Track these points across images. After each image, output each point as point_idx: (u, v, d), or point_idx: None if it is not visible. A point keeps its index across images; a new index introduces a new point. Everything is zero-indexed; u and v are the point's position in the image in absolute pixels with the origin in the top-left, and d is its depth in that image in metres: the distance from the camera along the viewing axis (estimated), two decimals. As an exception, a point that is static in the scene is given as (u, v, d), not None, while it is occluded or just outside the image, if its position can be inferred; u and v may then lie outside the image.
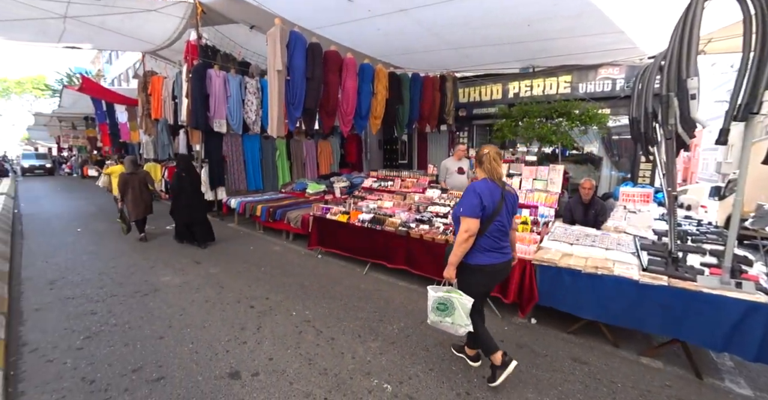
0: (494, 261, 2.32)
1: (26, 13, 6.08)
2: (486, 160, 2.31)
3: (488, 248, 2.30)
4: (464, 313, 2.27)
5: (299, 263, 4.86)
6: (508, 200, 2.33)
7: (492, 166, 2.30)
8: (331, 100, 5.73)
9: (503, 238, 2.35)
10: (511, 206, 2.37)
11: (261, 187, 8.26)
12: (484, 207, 2.22)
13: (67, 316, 3.34)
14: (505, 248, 2.38)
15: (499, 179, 2.31)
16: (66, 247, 5.70)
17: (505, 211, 2.30)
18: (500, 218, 2.28)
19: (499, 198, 2.27)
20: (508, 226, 2.36)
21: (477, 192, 2.24)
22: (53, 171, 21.47)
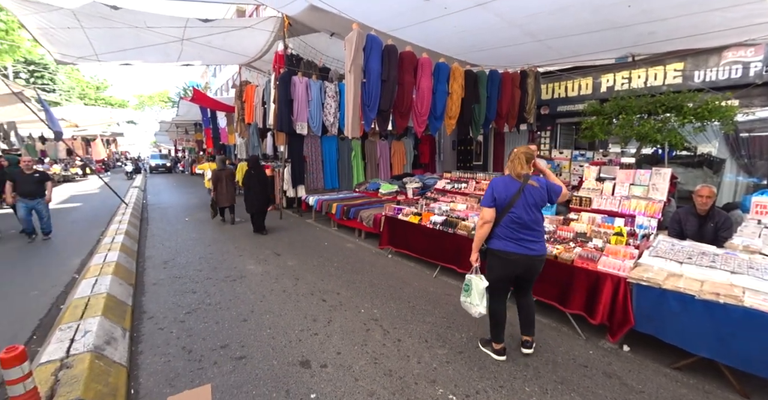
0: (508, 249, 2.51)
1: (157, 39, 7.33)
2: (510, 159, 2.62)
3: (503, 236, 2.54)
4: (477, 294, 2.60)
5: (370, 261, 4.97)
6: (529, 195, 2.49)
7: (513, 164, 2.57)
8: (406, 101, 5.76)
9: (521, 230, 2.50)
10: (534, 201, 2.50)
11: (337, 186, 8.70)
12: (495, 198, 2.53)
13: (174, 292, 3.91)
14: (524, 241, 2.50)
15: (518, 175, 2.53)
16: (177, 233, 6.73)
17: (522, 204, 2.49)
18: (515, 211, 2.49)
19: (514, 192, 2.50)
20: (528, 218, 2.49)
21: (491, 186, 2.59)
22: (172, 169, 25.51)
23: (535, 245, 2.54)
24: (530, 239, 2.52)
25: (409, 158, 11.06)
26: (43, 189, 6.21)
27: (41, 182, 6.22)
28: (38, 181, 6.18)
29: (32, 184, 6.09)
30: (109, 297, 3.23)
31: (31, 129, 15.22)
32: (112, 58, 7.99)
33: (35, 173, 6.22)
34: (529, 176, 2.54)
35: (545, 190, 2.55)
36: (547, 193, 2.57)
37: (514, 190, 2.49)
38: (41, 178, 6.27)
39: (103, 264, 4.06)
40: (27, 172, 6.12)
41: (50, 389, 2.07)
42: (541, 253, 2.55)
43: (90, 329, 2.60)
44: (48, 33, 6.50)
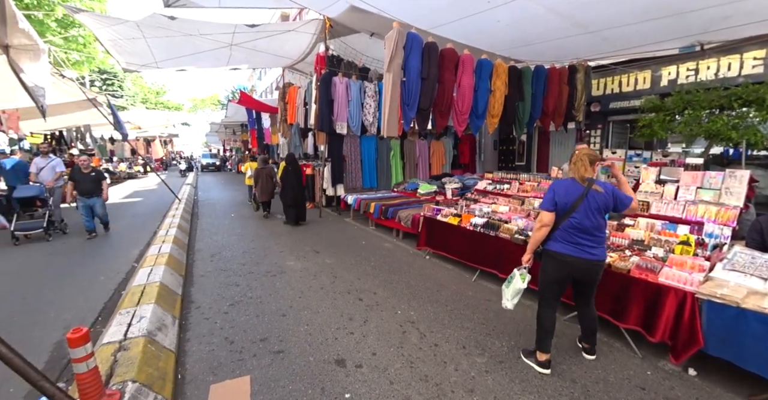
0: (566, 251, 2.42)
1: (209, 45, 7.80)
2: (572, 160, 2.50)
3: (561, 239, 2.46)
4: (513, 289, 2.63)
5: (407, 262, 4.91)
6: (592, 200, 2.38)
7: (576, 166, 2.46)
8: (446, 100, 5.63)
9: (581, 235, 2.40)
10: (597, 206, 2.38)
11: (375, 185, 8.74)
12: (556, 202, 2.43)
13: (219, 284, 4.10)
14: (584, 245, 2.40)
15: (582, 179, 2.42)
16: (223, 227, 7.11)
17: (584, 210, 2.38)
18: (576, 216, 2.39)
19: (576, 197, 2.39)
20: (589, 224, 2.38)
21: (553, 188, 2.49)
22: (221, 168, 27.12)
23: (595, 249, 2.42)
24: (590, 244, 2.41)
25: (449, 158, 10.85)
26: (99, 187, 6.44)
27: (97, 181, 6.45)
28: (94, 180, 6.40)
29: (89, 183, 6.31)
30: (162, 286, 3.46)
31: (102, 131, 16.86)
32: (170, 64, 8.62)
33: (92, 172, 6.42)
34: (594, 180, 2.42)
35: (611, 197, 2.41)
36: (613, 201, 2.43)
37: (577, 195, 2.39)
38: (97, 177, 6.49)
39: (158, 255, 4.37)
40: (84, 171, 6.35)
41: (110, 368, 2.24)
42: (600, 258, 2.44)
43: (144, 315, 2.79)
44: (117, 44, 7.15)
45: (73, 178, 6.26)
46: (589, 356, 2.69)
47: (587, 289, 2.57)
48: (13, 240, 5.84)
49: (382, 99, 8.38)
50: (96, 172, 6.47)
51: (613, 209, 2.45)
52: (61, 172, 7.20)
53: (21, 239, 5.96)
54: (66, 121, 12.53)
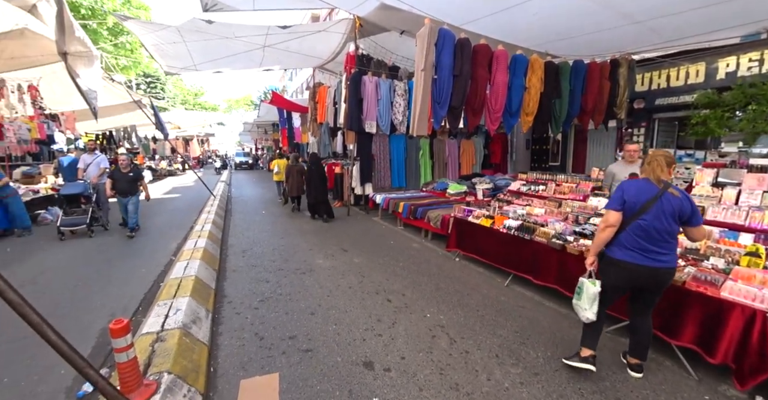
0: (630, 260, 2.27)
1: (243, 47, 8.04)
2: (646, 161, 2.34)
3: (628, 244, 2.29)
4: (587, 298, 2.37)
5: (436, 264, 4.80)
6: (667, 202, 2.20)
7: (651, 167, 2.30)
8: (479, 97, 5.45)
9: (650, 240, 2.24)
10: (672, 210, 2.19)
11: (404, 184, 8.67)
12: (625, 201, 2.28)
13: (250, 280, 4.19)
14: (652, 252, 2.24)
15: (657, 180, 2.27)
16: (254, 224, 7.30)
17: (656, 212, 2.21)
18: (647, 218, 2.22)
19: (648, 198, 2.23)
20: (661, 227, 2.20)
21: (622, 187, 2.36)
22: (253, 166, 28.03)
23: (665, 256, 2.25)
24: (660, 250, 2.24)
25: (479, 158, 10.56)
26: (135, 187, 6.43)
27: (134, 181, 6.43)
28: (132, 180, 6.38)
29: (126, 183, 6.30)
30: (197, 280, 3.57)
31: (146, 131, 17.91)
32: (207, 67, 8.97)
33: (130, 172, 6.39)
34: (669, 184, 2.26)
35: (687, 204, 2.21)
36: (690, 210, 2.21)
37: (650, 196, 2.24)
38: (134, 177, 6.45)
39: (194, 249, 4.53)
40: (124, 170, 6.35)
41: (148, 358, 2.31)
42: (671, 265, 2.28)
43: (180, 308, 2.88)
44: (159, 48, 7.52)
45: (112, 176, 6.35)
46: (636, 374, 2.48)
47: (649, 298, 2.39)
48: (59, 235, 6.08)
49: (411, 97, 8.34)
50: (134, 172, 6.47)
51: (686, 221, 2.23)
52: (104, 168, 7.45)
53: (66, 235, 6.21)
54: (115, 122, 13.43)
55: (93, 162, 7.48)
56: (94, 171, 7.46)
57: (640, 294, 2.40)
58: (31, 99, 7.67)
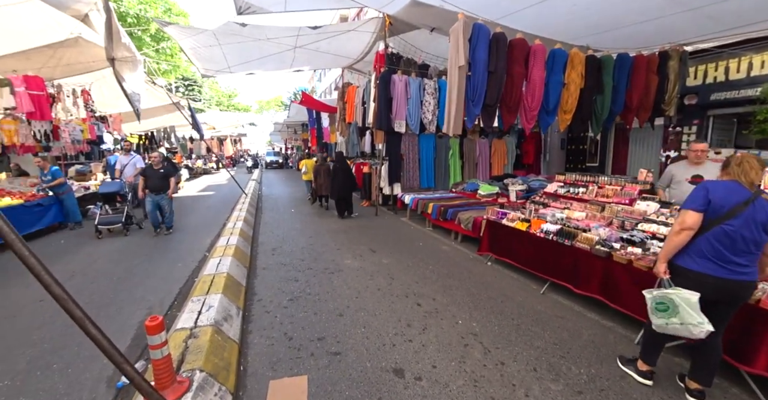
0: (707, 271, 2.03)
1: (274, 49, 8.20)
2: (735, 163, 2.08)
3: (706, 254, 2.05)
4: (692, 309, 2.01)
5: (467, 267, 4.64)
6: (759, 210, 1.95)
7: (743, 169, 2.05)
8: (515, 94, 5.20)
9: (734, 250, 1.99)
10: (764, 219, 1.94)
11: (433, 185, 8.51)
12: (710, 202, 2.03)
13: (280, 278, 4.22)
14: (734, 264, 2.00)
15: (750, 183, 2.02)
16: (284, 222, 7.42)
17: (746, 218, 1.95)
18: (734, 223, 1.97)
19: (739, 201, 1.98)
20: (749, 236, 1.96)
21: (706, 187, 2.10)
22: (283, 165, 28.72)
23: (748, 268, 2.03)
24: (743, 262, 2.01)
25: (511, 158, 10.20)
26: (167, 184, 6.39)
27: (166, 178, 6.39)
28: (163, 177, 6.35)
29: (158, 180, 6.27)
30: (229, 276, 3.63)
31: (184, 131, 18.79)
32: (240, 69, 9.23)
33: (161, 169, 6.37)
34: (762, 190, 2.04)
35: None
36: None
37: (741, 199, 2.00)
38: (166, 174, 6.42)
39: (226, 246, 4.64)
40: (155, 167, 6.35)
41: (181, 354, 2.35)
42: (753, 278, 2.05)
43: (213, 305, 2.93)
44: (196, 52, 7.82)
45: (145, 174, 6.36)
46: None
47: (725, 314, 2.13)
48: (97, 234, 6.22)
49: (442, 96, 8.18)
50: (165, 169, 6.44)
51: None
52: (140, 168, 7.60)
53: (103, 233, 6.39)
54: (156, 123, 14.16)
55: (129, 163, 7.79)
56: (130, 171, 7.72)
57: (712, 308, 2.09)
58: (83, 102, 8.20)
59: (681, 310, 2.04)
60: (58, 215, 7.02)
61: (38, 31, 5.53)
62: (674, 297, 2.06)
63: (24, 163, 9.54)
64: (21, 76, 6.30)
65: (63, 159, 10.23)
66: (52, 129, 7.74)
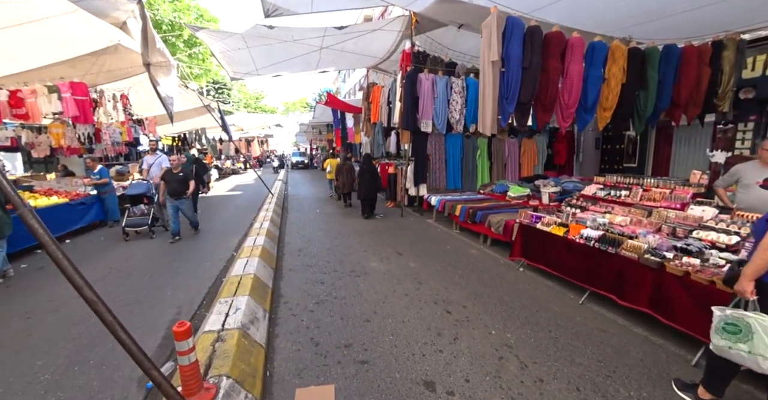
0: None
1: (301, 50, 8.25)
2: None
3: None
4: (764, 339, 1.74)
5: (498, 273, 4.43)
6: None
7: None
8: (550, 91, 4.92)
9: None
10: None
11: (460, 186, 8.29)
12: None
13: (306, 280, 4.19)
14: None
15: None
16: (309, 222, 7.45)
17: None
18: None
19: None
20: None
21: None
22: (309, 165, 29.14)
23: None
24: None
25: (542, 158, 9.79)
26: (186, 188, 6.21)
27: (185, 181, 6.21)
28: (182, 180, 6.16)
29: (177, 184, 6.08)
30: (256, 278, 3.62)
31: (214, 133, 19.44)
32: (268, 71, 9.37)
33: (180, 172, 6.18)
34: None
35: None
36: None
37: None
38: (185, 177, 6.23)
39: (253, 247, 4.67)
40: (174, 171, 6.17)
41: (208, 358, 2.33)
42: None
43: (240, 307, 2.91)
44: (226, 55, 7.99)
45: (164, 178, 6.17)
46: None
47: None
48: (124, 236, 6.19)
49: (470, 95, 7.95)
50: (184, 173, 6.24)
51: None
52: (167, 168, 7.41)
53: (131, 235, 6.36)
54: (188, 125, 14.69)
55: (155, 162, 7.64)
56: (156, 171, 7.54)
57: None
58: (122, 106, 8.60)
59: (756, 337, 1.78)
60: (99, 213, 7.39)
61: (82, 40, 5.80)
62: (753, 322, 1.80)
63: (70, 164, 10.15)
64: (67, 83, 6.65)
65: (104, 160, 10.81)
66: (95, 132, 8.15)
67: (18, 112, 6.67)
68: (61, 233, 6.27)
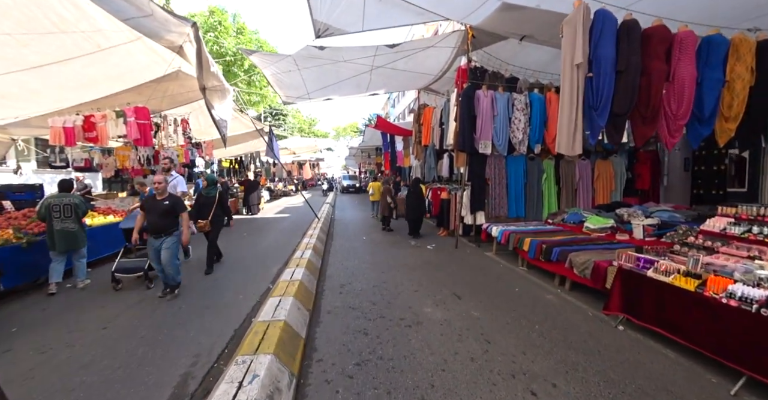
0: None
1: (351, 72, 8.06)
2: None
3: None
4: None
5: (589, 332, 3.37)
6: None
7: None
8: (653, 99, 3.92)
9: None
10: None
11: (523, 214, 7.23)
12: None
13: (346, 328, 3.47)
14: None
15: None
16: (354, 252, 6.83)
17: None
18: None
19: None
20: None
21: None
22: (360, 189, 28.99)
23: None
24: None
25: (619, 183, 8.39)
26: (171, 224, 4.32)
27: (170, 214, 4.31)
28: (165, 211, 4.27)
29: (158, 216, 4.23)
30: (285, 327, 2.99)
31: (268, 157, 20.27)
32: (318, 94, 9.31)
33: (165, 200, 4.30)
34: None
35: None
36: None
37: None
38: (172, 207, 4.32)
39: (289, 282, 4.10)
40: (158, 197, 4.30)
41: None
42: None
43: (258, 373, 2.26)
44: (278, 79, 8.02)
45: (143, 206, 4.43)
46: None
47: None
48: (113, 284, 4.65)
49: (534, 112, 7.06)
50: (171, 201, 4.35)
51: None
52: (182, 192, 5.88)
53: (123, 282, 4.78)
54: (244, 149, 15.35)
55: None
56: None
57: None
58: (182, 130, 9.00)
59: None
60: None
61: (146, 67, 6.02)
62: None
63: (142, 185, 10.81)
64: (132, 107, 6.98)
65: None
66: (154, 154, 8.50)
67: (89, 136, 7.11)
68: (110, 252, 6.17)
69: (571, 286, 4.54)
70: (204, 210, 5.57)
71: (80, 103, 6.89)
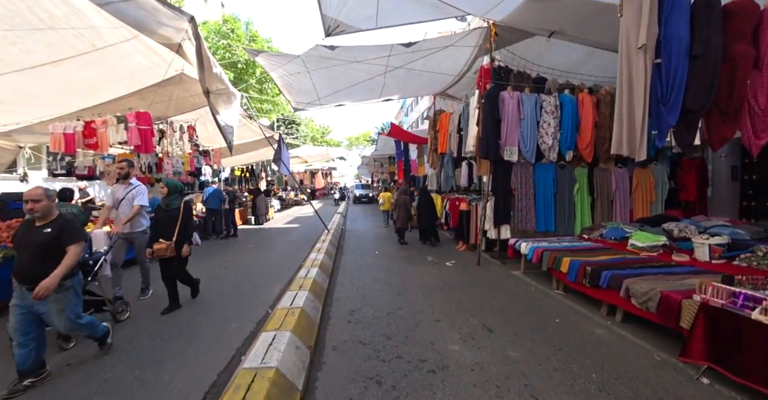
0: None
1: (363, 75, 7.55)
2: None
3: None
4: None
5: (659, 382, 2.60)
6: None
7: None
8: (737, 91, 3.18)
9: None
10: None
11: (553, 228, 6.44)
12: None
13: (354, 375, 2.78)
14: None
15: None
16: (366, 269, 6.18)
17: None
18: None
19: None
20: None
21: None
22: (373, 199, 28.42)
23: None
24: None
25: (661, 193, 7.52)
26: (47, 265, 2.57)
27: (54, 247, 2.64)
28: (45, 242, 2.62)
29: (29, 255, 2.61)
30: (277, 377, 2.34)
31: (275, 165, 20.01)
32: (330, 100, 8.84)
33: (47, 228, 2.65)
34: None
35: None
36: None
37: None
38: (56, 238, 2.65)
39: (288, 311, 3.45)
40: (37, 224, 2.67)
41: None
42: None
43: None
44: (286, 82, 7.57)
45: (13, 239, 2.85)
46: None
47: None
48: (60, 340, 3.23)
49: (564, 115, 6.38)
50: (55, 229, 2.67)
51: None
52: (140, 206, 4.49)
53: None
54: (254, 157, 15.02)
55: (125, 197, 4.49)
56: (126, 210, 4.43)
57: None
58: (188, 137, 8.64)
59: None
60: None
61: (147, 69, 5.65)
62: None
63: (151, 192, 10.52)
64: (134, 113, 6.62)
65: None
66: (156, 162, 8.13)
67: (89, 142, 6.76)
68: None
69: (623, 317, 3.76)
70: (165, 228, 4.08)
71: (82, 108, 6.60)
